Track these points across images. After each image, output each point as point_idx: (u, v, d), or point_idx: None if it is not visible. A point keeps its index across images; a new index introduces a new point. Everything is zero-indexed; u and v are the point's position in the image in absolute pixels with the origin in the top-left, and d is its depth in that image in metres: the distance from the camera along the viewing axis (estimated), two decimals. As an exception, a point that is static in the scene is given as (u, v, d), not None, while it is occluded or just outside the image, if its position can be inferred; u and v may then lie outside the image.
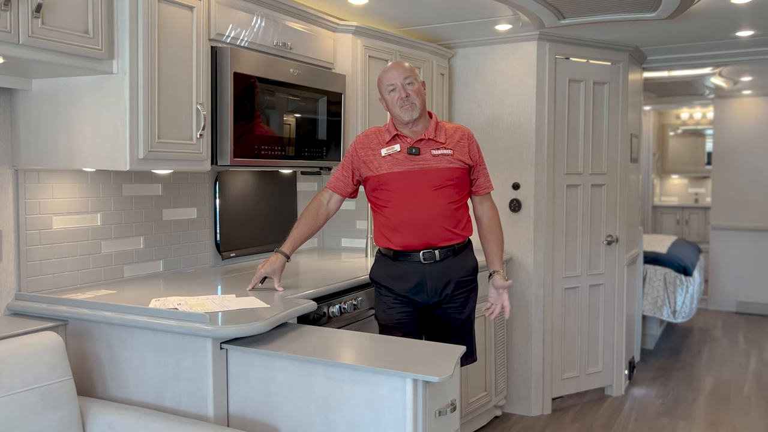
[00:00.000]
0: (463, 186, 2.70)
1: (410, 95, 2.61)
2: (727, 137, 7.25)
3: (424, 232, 2.62)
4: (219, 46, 2.61)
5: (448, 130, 2.72)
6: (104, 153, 2.27)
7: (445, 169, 2.63)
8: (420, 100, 2.64)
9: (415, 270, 2.65)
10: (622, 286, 4.52)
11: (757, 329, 6.47)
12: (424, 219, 2.61)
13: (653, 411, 4.25)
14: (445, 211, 2.63)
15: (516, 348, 4.19)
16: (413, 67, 2.69)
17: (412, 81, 2.63)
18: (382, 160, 2.66)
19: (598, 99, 4.35)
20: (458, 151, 2.68)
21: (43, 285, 2.49)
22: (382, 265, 2.73)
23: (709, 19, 3.70)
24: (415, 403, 1.85)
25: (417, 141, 2.65)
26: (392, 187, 2.63)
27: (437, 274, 2.66)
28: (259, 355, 2.07)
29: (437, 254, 2.65)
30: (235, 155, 2.63)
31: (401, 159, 2.64)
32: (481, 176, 2.79)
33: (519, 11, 3.50)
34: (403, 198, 2.62)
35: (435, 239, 2.64)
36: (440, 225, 2.63)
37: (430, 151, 2.65)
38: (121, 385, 2.22)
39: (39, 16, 1.95)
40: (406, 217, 2.62)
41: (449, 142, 2.68)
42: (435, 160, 2.64)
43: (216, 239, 3.20)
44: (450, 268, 2.67)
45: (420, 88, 2.66)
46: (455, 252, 2.68)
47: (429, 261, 2.65)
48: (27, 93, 2.37)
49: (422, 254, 2.64)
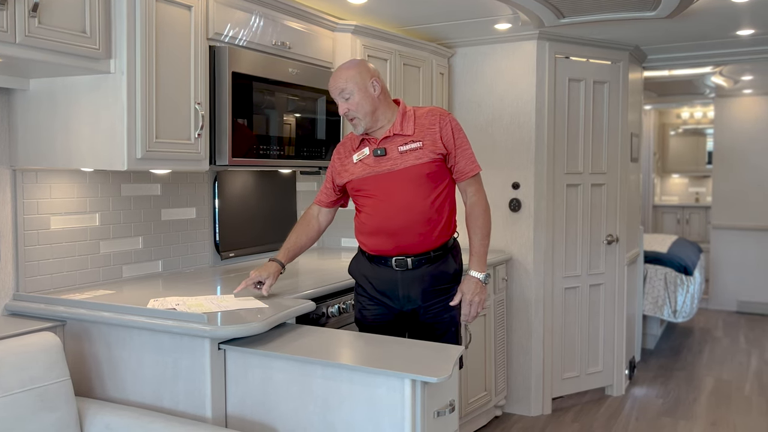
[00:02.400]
0: (441, 178, 2.47)
1: (349, 110, 2.41)
2: (728, 136, 7.24)
3: (397, 239, 2.46)
4: (217, 46, 2.60)
5: (419, 117, 2.47)
6: (102, 153, 2.26)
7: (414, 167, 2.42)
8: (364, 111, 2.41)
9: (387, 274, 2.51)
10: (622, 285, 4.51)
11: (757, 329, 6.46)
12: (396, 225, 2.44)
13: (654, 411, 4.24)
14: (421, 215, 2.43)
15: (516, 348, 4.19)
16: (351, 73, 2.41)
17: (349, 94, 2.40)
18: (354, 166, 2.51)
19: (598, 98, 4.34)
20: (428, 140, 2.44)
21: (41, 285, 2.48)
22: (358, 262, 2.61)
23: (709, 17, 3.70)
24: (413, 404, 1.84)
25: (382, 140, 2.46)
26: (364, 193, 2.49)
27: (409, 281, 2.49)
28: (258, 356, 2.06)
29: (410, 262, 2.47)
30: (234, 155, 2.63)
31: (370, 163, 2.47)
32: (461, 160, 2.49)
33: (518, 10, 3.49)
34: (375, 203, 2.47)
35: (408, 246, 2.46)
36: (414, 231, 2.44)
37: (397, 148, 2.44)
38: (119, 385, 2.22)
39: (36, 16, 1.94)
40: (379, 224, 2.47)
41: (418, 131, 2.45)
42: (402, 159, 2.43)
43: (215, 239, 3.19)
44: (424, 276, 2.49)
45: (363, 96, 2.39)
46: (431, 259, 2.49)
47: (401, 268, 2.48)
48: (25, 93, 2.36)
49: (394, 260, 2.48)
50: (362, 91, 2.41)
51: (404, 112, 2.48)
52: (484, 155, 4.24)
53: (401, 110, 2.49)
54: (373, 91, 2.43)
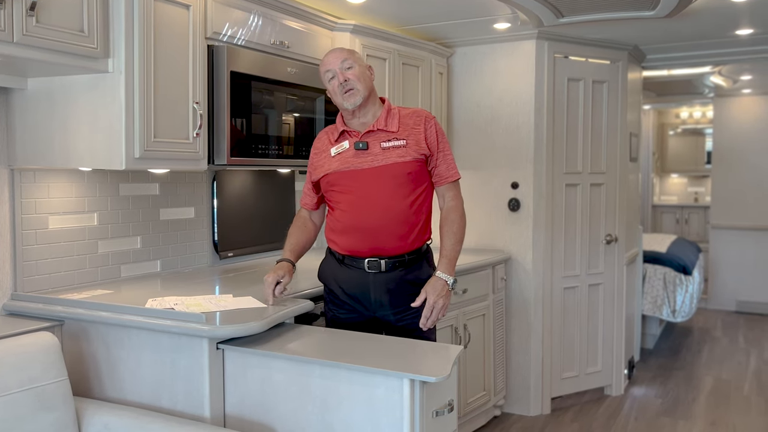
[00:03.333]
0: (421, 180, 2.41)
1: (349, 79, 2.34)
2: (727, 136, 7.25)
3: (371, 238, 2.36)
4: (216, 45, 2.59)
5: (404, 117, 2.43)
6: (100, 152, 2.26)
7: (396, 164, 2.35)
8: (363, 84, 2.36)
9: (358, 277, 2.41)
10: (621, 285, 4.51)
11: (756, 328, 6.46)
12: (372, 224, 2.35)
13: (653, 410, 4.24)
14: (399, 215, 2.36)
15: (515, 348, 4.18)
16: (354, 51, 2.44)
17: (351, 65, 2.36)
18: (330, 160, 2.43)
19: (597, 98, 4.34)
20: (412, 140, 2.38)
21: (39, 285, 2.48)
22: (328, 264, 2.52)
23: (708, 17, 3.69)
24: (412, 404, 1.83)
25: (365, 133, 2.39)
26: (340, 188, 2.41)
27: (381, 285, 2.39)
28: (256, 356, 2.06)
29: (383, 264, 2.38)
30: (232, 154, 2.62)
31: (349, 157, 2.39)
32: (441, 164, 2.44)
33: (517, 9, 3.49)
34: (351, 200, 2.38)
35: (383, 247, 2.37)
36: (390, 232, 2.36)
37: (380, 143, 2.38)
38: (118, 385, 2.21)
39: (33, 15, 1.94)
40: (354, 221, 2.38)
41: (402, 130, 2.40)
42: (384, 155, 2.36)
43: (214, 239, 3.19)
44: (396, 281, 2.39)
45: (363, 72, 2.38)
46: (405, 263, 2.40)
47: (373, 270, 2.39)
48: (23, 92, 2.36)
49: (367, 262, 2.39)
50: (363, 68, 2.41)
51: (389, 109, 2.44)
52: (483, 155, 4.25)
53: (386, 107, 2.45)
54: (369, 74, 2.44)
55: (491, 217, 4.23)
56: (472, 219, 4.29)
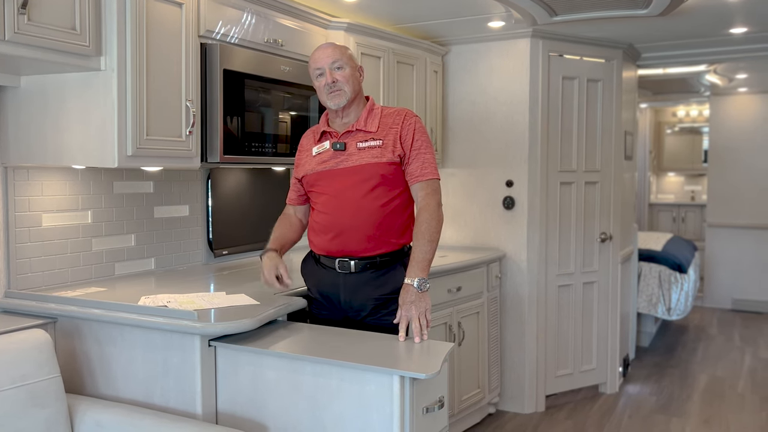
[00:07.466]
0: (397, 182, 2.36)
1: (338, 81, 2.31)
2: (724, 135, 7.26)
3: (342, 238, 2.34)
4: (208, 43, 2.60)
5: (385, 116, 2.38)
6: (93, 150, 2.27)
7: (370, 165, 2.31)
8: (351, 87, 2.33)
9: (331, 278, 2.39)
10: (615, 283, 4.52)
11: (752, 327, 6.48)
12: (344, 224, 2.33)
13: (647, 408, 4.25)
14: (372, 216, 2.31)
15: (509, 345, 4.19)
16: (346, 49, 2.39)
17: (341, 65, 2.33)
18: (310, 160, 2.42)
19: (592, 96, 4.35)
20: (389, 140, 2.33)
21: (32, 283, 2.48)
22: (307, 263, 2.52)
23: (702, 15, 3.70)
24: (402, 400, 1.84)
25: (344, 134, 2.37)
26: (318, 189, 2.40)
27: (351, 287, 2.36)
28: (248, 353, 2.06)
29: (353, 265, 2.34)
30: (225, 152, 2.63)
31: (327, 158, 2.38)
32: (414, 162, 2.35)
33: (511, 8, 3.50)
34: (326, 200, 2.37)
35: (353, 248, 2.34)
36: (362, 232, 2.31)
37: (356, 144, 2.34)
38: (110, 382, 2.22)
39: (25, 12, 1.94)
40: (328, 222, 2.36)
41: (381, 130, 2.35)
42: (359, 155, 2.33)
43: (208, 237, 3.19)
44: (367, 283, 2.35)
45: (353, 74, 2.35)
46: (377, 265, 2.35)
47: (343, 271, 2.36)
48: (15, 90, 2.36)
49: (338, 262, 2.36)
50: (353, 69, 2.37)
51: (371, 109, 2.40)
52: (477, 153, 4.25)
53: (368, 106, 2.40)
54: (359, 75, 2.41)
55: (486, 215, 4.24)
56: (466, 217, 4.32)
